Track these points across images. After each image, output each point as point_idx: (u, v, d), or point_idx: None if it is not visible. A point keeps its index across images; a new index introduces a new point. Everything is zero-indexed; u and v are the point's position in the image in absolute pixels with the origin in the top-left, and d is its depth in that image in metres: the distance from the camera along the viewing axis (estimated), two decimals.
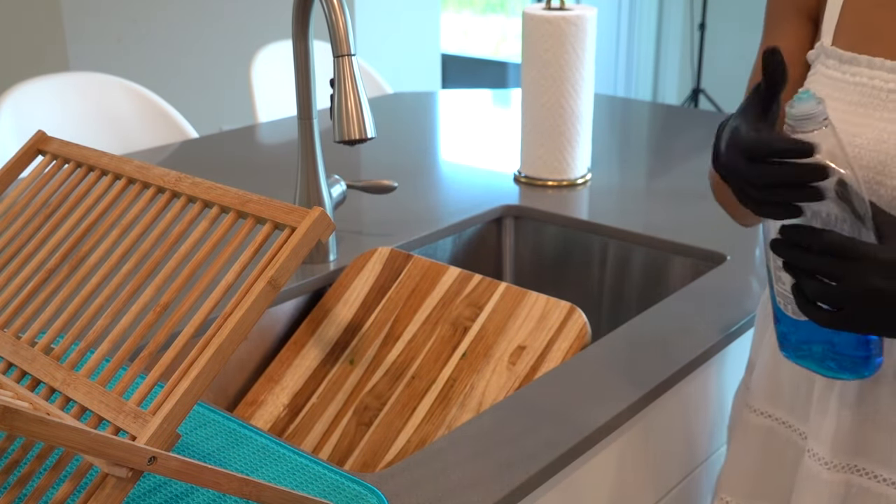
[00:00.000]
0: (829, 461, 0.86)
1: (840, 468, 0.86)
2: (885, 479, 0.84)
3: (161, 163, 1.77)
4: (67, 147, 0.81)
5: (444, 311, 1.12)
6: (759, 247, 1.26)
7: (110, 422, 0.62)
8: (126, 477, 0.57)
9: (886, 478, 0.84)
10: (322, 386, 1.12)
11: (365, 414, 1.07)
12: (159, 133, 1.92)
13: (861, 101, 0.80)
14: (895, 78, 0.78)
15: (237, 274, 0.65)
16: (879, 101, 0.79)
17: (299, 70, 1.19)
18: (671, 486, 1.07)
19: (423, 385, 1.06)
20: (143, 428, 0.59)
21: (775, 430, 0.95)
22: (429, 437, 1.01)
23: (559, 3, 1.49)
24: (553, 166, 1.53)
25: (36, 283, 0.73)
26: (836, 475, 0.86)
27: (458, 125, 2.06)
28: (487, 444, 0.83)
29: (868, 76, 0.80)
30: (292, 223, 0.65)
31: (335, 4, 1.04)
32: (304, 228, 0.64)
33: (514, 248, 1.48)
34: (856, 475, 0.86)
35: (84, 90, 1.89)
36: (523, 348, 1.04)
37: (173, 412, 0.59)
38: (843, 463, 0.86)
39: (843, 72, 0.81)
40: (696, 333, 1.04)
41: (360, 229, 1.35)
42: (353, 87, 1.04)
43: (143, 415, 0.60)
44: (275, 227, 0.67)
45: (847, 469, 0.86)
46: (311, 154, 1.22)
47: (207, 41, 3.51)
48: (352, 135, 1.04)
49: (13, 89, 1.77)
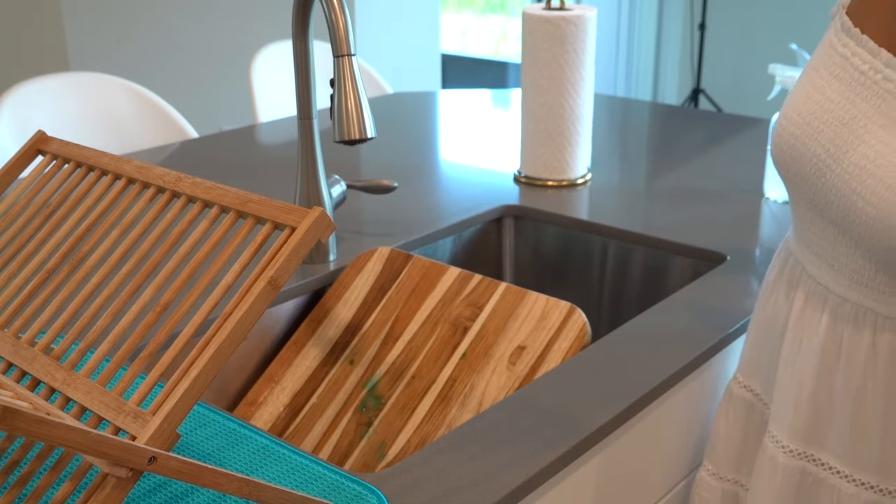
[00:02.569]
0: (786, 446, 0.86)
1: (796, 455, 0.86)
2: (838, 472, 0.84)
3: (161, 163, 1.77)
4: (67, 147, 0.81)
5: (444, 311, 1.12)
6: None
7: (110, 422, 0.62)
8: (126, 477, 0.57)
9: (840, 470, 0.84)
10: (322, 386, 1.12)
11: (365, 414, 1.07)
12: (159, 133, 1.92)
13: (837, 73, 0.80)
14: (871, 60, 0.78)
15: (237, 274, 0.65)
16: (852, 79, 0.79)
17: (299, 70, 1.19)
18: (673, 483, 1.07)
19: (423, 385, 1.06)
20: (143, 428, 0.59)
21: (754, 405, 0.96)
22: (429, 437, 1.01)
23: (559, 3, 1.49)
24: (553, 166, 1.53)
25: (36, 283, 0.73)
26: (792, 461, 0.86)
27: (458, 125, 2.06)
28: (487, 444, 0.83)
29: (852, 52, 0.79)
30: (292, 223, 0.65)
31: (335, 4, 1.04)
32: (305, 228, 0.64)
33: (514, 248, 1.48)
34: (811, 464, 0.86)
35: (84, 90, 1.89)
36: (523, 348, 1.04)
37: (173, 412, 0.59)
38: (799, 450, 0.86)
39: (837, 38, 0.81)
40: (695, 333, 1.04)
41: (360, 229, 1.35)
42: (353, 87, 1.05)
43: (143, 415, 0.60)
44: (275, 227, 0.67)
45: (803, 457, 0.86)
46: (311, 154, 1.22)
47: (207, 41, 3.51)
48: (352, 135, 1.04)
49: (13, 89, 1.77)
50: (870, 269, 0.79)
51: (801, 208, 0.84)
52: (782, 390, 0.88)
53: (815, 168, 0.79)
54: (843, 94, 0.79)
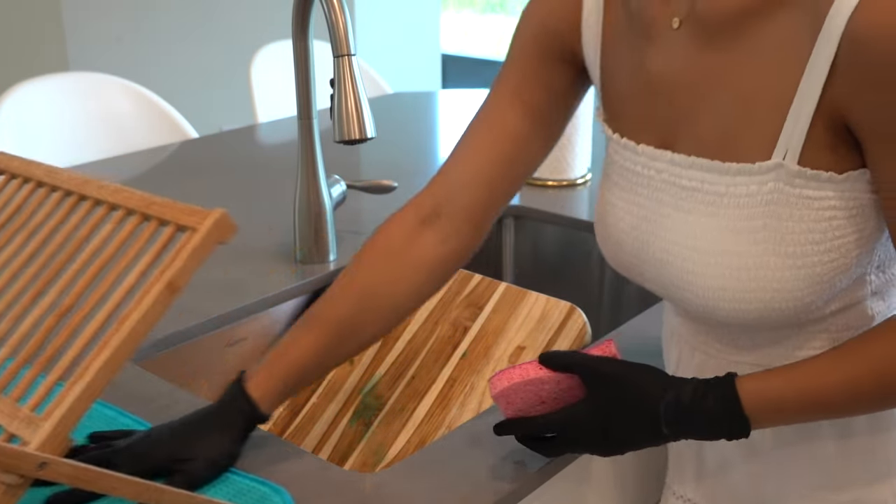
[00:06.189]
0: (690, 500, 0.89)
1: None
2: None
3: (161, 163, 1.77)
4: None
5: (444, 311, 1.12)
6: None
7: (4, 428, 0.60)
8: (16, 483, 0.56)
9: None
10: (322, 386, 1.11)
11: (365, 414, 1.07)
12: (159, 133, 1.92)
13: (615, 181, 0.80)
14: (634, 158, 0.77)
15: (138, 276, 0.64)
16: (630, 182, 0.78)
17: (299, 70, 1.19)
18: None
19: (423, 385, 1.06)
20: (34, 433, 0.58)
21: None
22: (428, 437, 1.01)
23: None
24: (553, 166, 1.53)
25: None
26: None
27: (458, 125, 2.06)
28: (487, 444, 0.83)
29: (622, 157, 0.79)
30: (194, 225, 0.64)
31: (335, 4, 1.04)
32: (204, 230, 0.63)
33: (514, 248, 1.48)
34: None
35: (84, 90, 1.89)
36: (523, 348, 1.04)
37: (66, 417, 0.57)
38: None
39: (616, 151, 0.81)
40: None
41: (359, 229, 1.35)
42: (353, 87, 1.04)
43: (36, 420, 0.59)
44: (177, 228, 0.66)
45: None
46: (311, 154, 1.22)
47: (207, 41, 3.51)
48: (352, 135, 1.04)
49: (13, 89, 1.77)
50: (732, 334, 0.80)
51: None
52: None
53: (638, 273, 0.80)
54: (626, 199, 0.79)
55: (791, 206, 0.68)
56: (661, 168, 0.75)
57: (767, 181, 0.69)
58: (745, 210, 0.70)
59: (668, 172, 0.75)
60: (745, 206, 0.70)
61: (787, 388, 0.70)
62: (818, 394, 0.70)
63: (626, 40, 0.78)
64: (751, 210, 0.70)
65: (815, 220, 0.69)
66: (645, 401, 0.72)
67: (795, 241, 0.69)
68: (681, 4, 0.72)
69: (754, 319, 0.72)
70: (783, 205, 0.69)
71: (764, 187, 0.69)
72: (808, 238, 0.69)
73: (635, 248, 0.78)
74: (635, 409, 0.72)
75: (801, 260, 0.69)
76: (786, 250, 0.69)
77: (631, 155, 0.78)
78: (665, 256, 0.75)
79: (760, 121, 0.69)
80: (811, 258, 0.69)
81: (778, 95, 0.68)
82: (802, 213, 0.68)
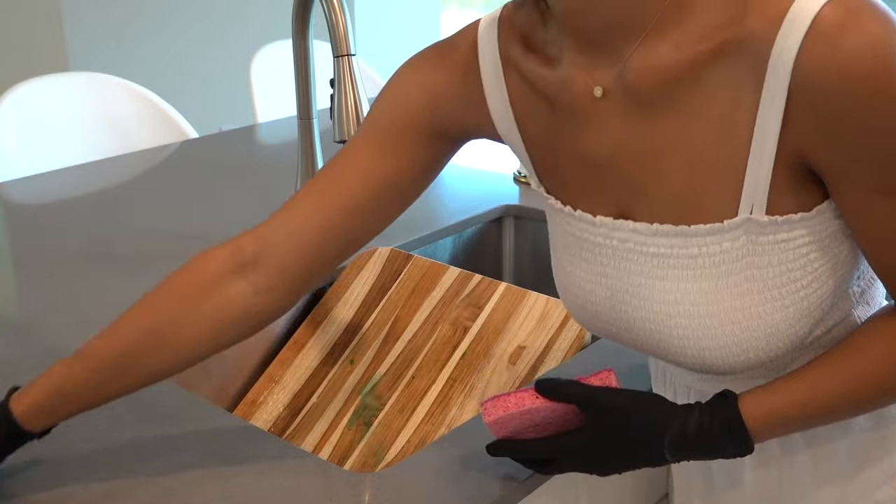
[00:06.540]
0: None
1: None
2: None
3: (161, 163, 1.77)
4: None
5: (444, 311, 1.12)
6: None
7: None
8: None
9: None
10: (322, 386, 1.12)
11: (365, 414, 1.07)
12: (159, 133, 1.92)
13: (575, 253, 0.78)
14: (618, 234, 0.74)
15: None
16: (592, 254, 0.76)
17: (299, 70, 1.19)
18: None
19: (423, 385, 1.06)
20: None
21: None
22: (429, 437, 1.01)
23: None
24: None
25: None
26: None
27: None
28: (487, 444, 0.83)
29: (578, 228, 0.76)
30: None
31: (335, 4, 1.04)
32: None
33: (514, 248, 1.48)
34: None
35: (84, 90, 1.89)
36: (523, 348, 1.04)
37: None
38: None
39: (569, 223, 0.78)
40: None
41: None
42: (353, 87, 1.05)
43: None
44: None
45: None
46: (311, 154, 1.22)
47: (207, 41, 3.51)
48: (352, 135, 1.05)
49: (13, 89, 1.77)
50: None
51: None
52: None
53: (622, 339, 0.78)
54: (590, 270, 0.76)
55: (768, 254, 0.68)
56: (625, 237, 0.73)
57: (739, 236, 0.67)
58: (723, 267, 0.69)
59: (632, 241, 0.72)
60: (722, 264, 0.69)
61: (789, 403, 0.70)
62: (820, 405, 0.70)
63: (545, 118, 0.75)
64: (728, 266, 0.68)
65: (792, 259, 0.68)
66: (648, 435, 0.71)
67: (777, 283, 0.68)
68: (604, 74, 0.69)
69: (755, 364, 0.71)
70: (759, 254, 0.68)
71: (737, 242, 0.68)
72: (789, 277, 0.68)
73: (613, 317, 0.76)
74: (637, 442, 0.72)
75: (788, 299, 0.69)
76: (771, 294, 0.68)
77: (588, 227, 0.75)
78: (650, 325, 0.73)
79: (718, 180, 0.67)
80: (796, 294, 0.69)
81: (731, 151, 0.66)
82: (780, 257, 0.68)
